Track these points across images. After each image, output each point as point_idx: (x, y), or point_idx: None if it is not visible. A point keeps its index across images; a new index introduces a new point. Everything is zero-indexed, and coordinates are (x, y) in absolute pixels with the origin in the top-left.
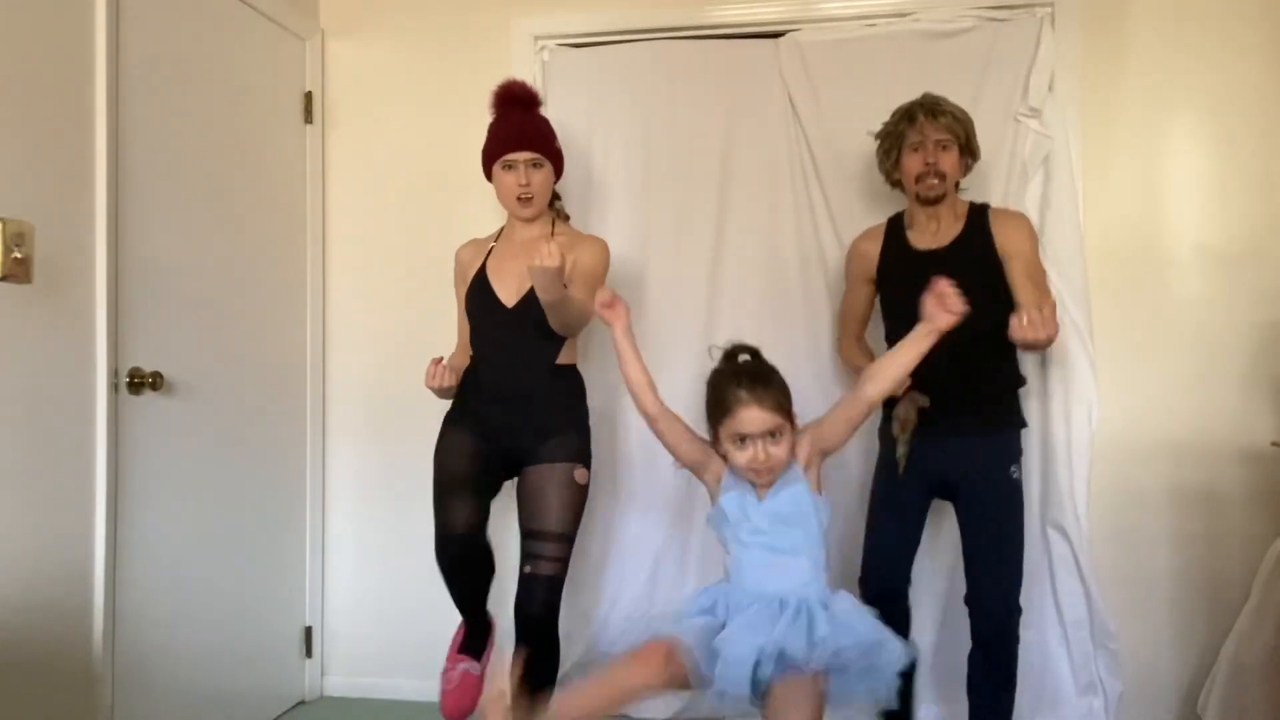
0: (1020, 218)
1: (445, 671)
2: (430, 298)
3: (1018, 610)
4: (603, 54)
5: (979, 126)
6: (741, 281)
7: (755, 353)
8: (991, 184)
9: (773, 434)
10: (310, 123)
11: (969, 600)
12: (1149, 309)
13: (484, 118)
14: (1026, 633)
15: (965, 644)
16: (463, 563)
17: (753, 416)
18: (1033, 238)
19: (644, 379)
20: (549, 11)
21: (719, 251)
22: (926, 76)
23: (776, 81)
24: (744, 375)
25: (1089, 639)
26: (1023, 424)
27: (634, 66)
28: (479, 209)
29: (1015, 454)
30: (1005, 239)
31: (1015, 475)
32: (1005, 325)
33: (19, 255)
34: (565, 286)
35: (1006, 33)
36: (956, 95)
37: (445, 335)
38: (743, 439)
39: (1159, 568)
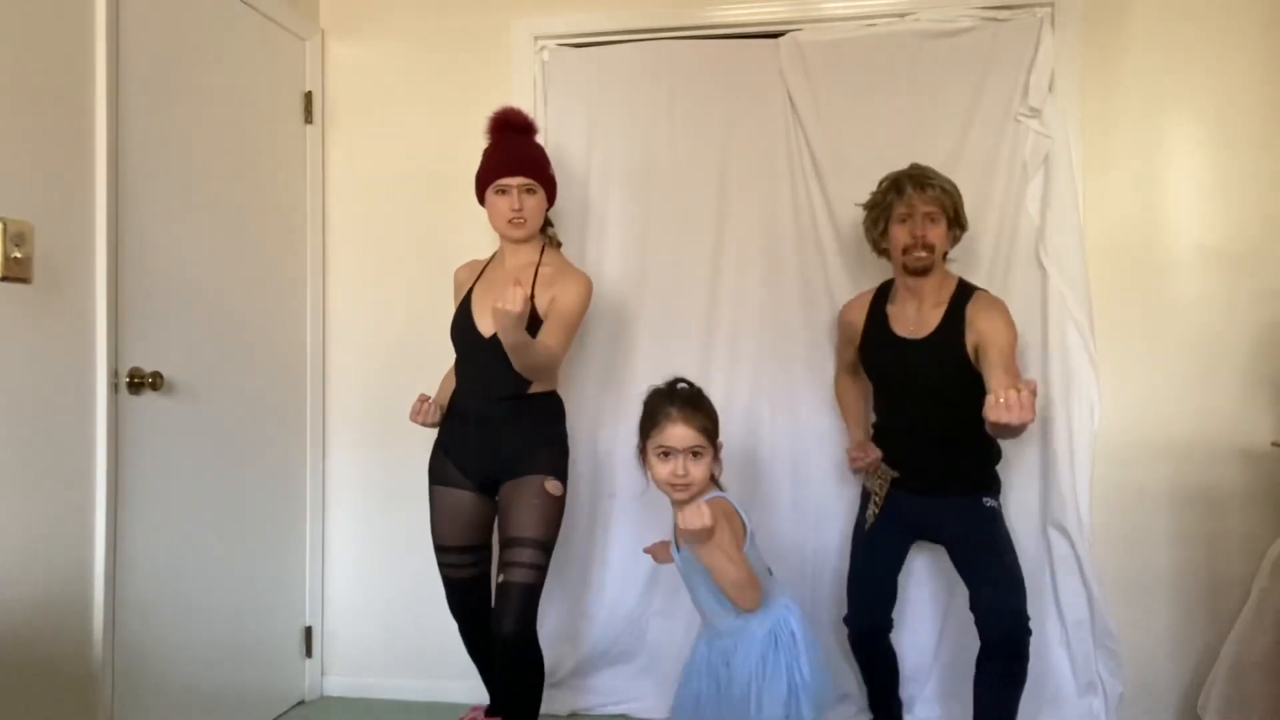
0: (997, 308)
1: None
2: (430, 298)
3: (1025, 621)
4: (603, 54)
5: (979, 126)
6: (741, 280)
7: (692, 385)
8: (992, 184)
9: (695, 452)
10: (310, 123)
11: (973, 607)
12: (1149, 309)
13: (484, 117)
14: None
15: (966, 646)
16: (473, 615)
17: (679, 432)
18: (1007, 328)
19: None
20: (549, 12)
21: (718, 251)
22: (926, 76)
23: (776, 81)
24: (677, 395)
25: (1090, 639)
26: (995, 482)
27: (634, 67)
28: (478, 209)
29: (990, 493)
30: (978, 332)
31: (989, 504)
32: (979, 415)
33: (19, 255)
34: (541, 316)
35: (1006, 33)
36: (956, 95)
37: (445, 336)
38: (666, 453)
39: (1159, 568)
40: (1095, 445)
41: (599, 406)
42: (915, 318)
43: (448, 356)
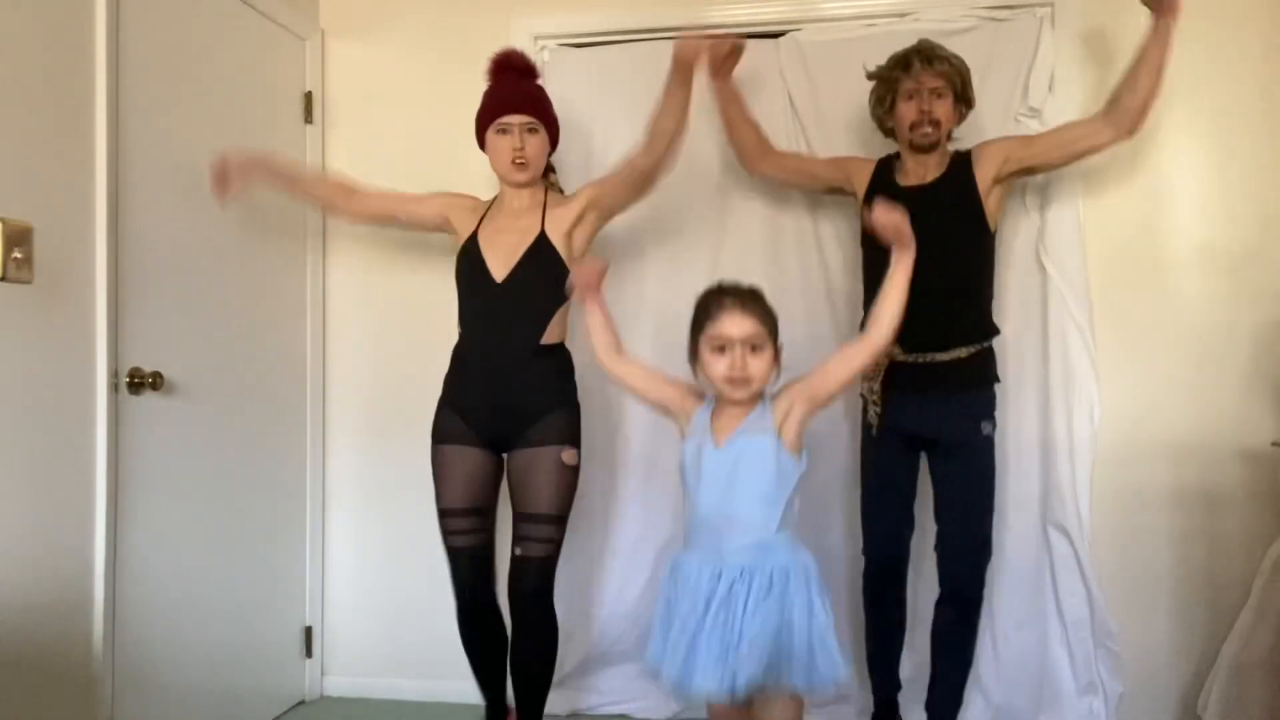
0: (991, 140)
1: None
2: (431, 298)
3: (987, 551)
4: (603, 54)
5: (978, 127)
6: (741, 279)
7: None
8: None
9: (754, 346)
10: (310, 123)
11: (938, 545)
12: (1149, 309)
13: None
14: (1027, 632)
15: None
16: (476, 591)
17: (735, 320)
18: (1008, 137)
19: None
20: (549, 11)
21: (718, 250)
22: None
23: (776, 81)
24: (731, 288)
25: (1090, 639)
26: (995, 379)
27: (634, 66)
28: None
29: (987, 410)
30: (986, 161)
31: (987, 432)
32: (984, 260)
33: (19, 255)
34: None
35: (1006, 33)
36: None
37: (445, 335)
38: (722, 348)
39: (1159, 568)
40: (1095, 445)
41: (599, 408)
42: (920, 177)
43: (449, 357)
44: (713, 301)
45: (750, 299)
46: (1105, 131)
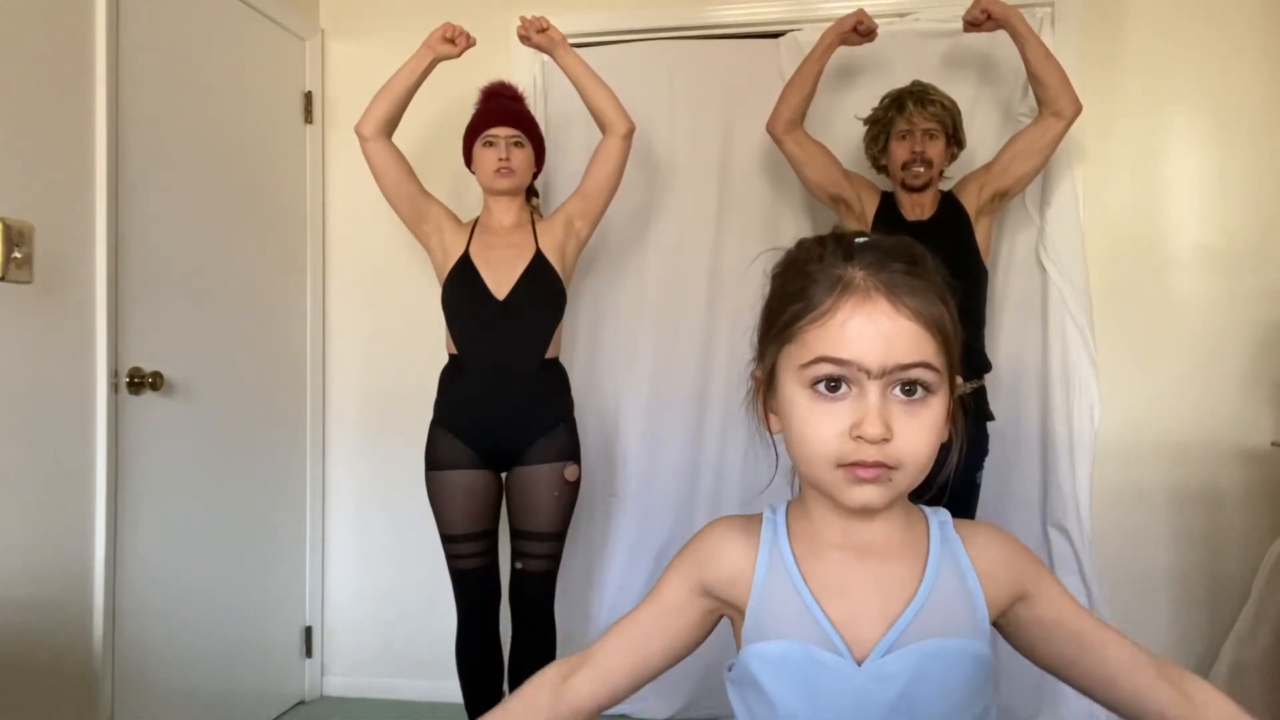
0: (963, 177)
1: None
2: (430, 298)
3: None
4: (603, 54)
5: (979, 126)
6: (741, 280)
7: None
8: None
9: (911, 383)
10: (310, 123)
11: None
12: (1149, 309)
13: None
14: None
15: None
16: (482, 610)
17: (876, 322)
18: (975, 170)
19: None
20: (549, 12)
21: (719, 251)
22: (926, 76)
23: (776, 81)
24: (862, 247)
25: None
26: (990, 416)
27: (634, 67)
28: (478, 208)
29: (982, 455)
30: (967, 196)
31: (978, 480)
32: (983, 294)
33: (19, 255)
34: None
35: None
36: (956, 95)
37: (445, 335)
38: (835, 380)
39: (1159, 567)
40: (1095, 445)
41: (599, 405)
42: (917, 213)
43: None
44: (821, 275)
45: (910, 263)
46: (1053, 121)
